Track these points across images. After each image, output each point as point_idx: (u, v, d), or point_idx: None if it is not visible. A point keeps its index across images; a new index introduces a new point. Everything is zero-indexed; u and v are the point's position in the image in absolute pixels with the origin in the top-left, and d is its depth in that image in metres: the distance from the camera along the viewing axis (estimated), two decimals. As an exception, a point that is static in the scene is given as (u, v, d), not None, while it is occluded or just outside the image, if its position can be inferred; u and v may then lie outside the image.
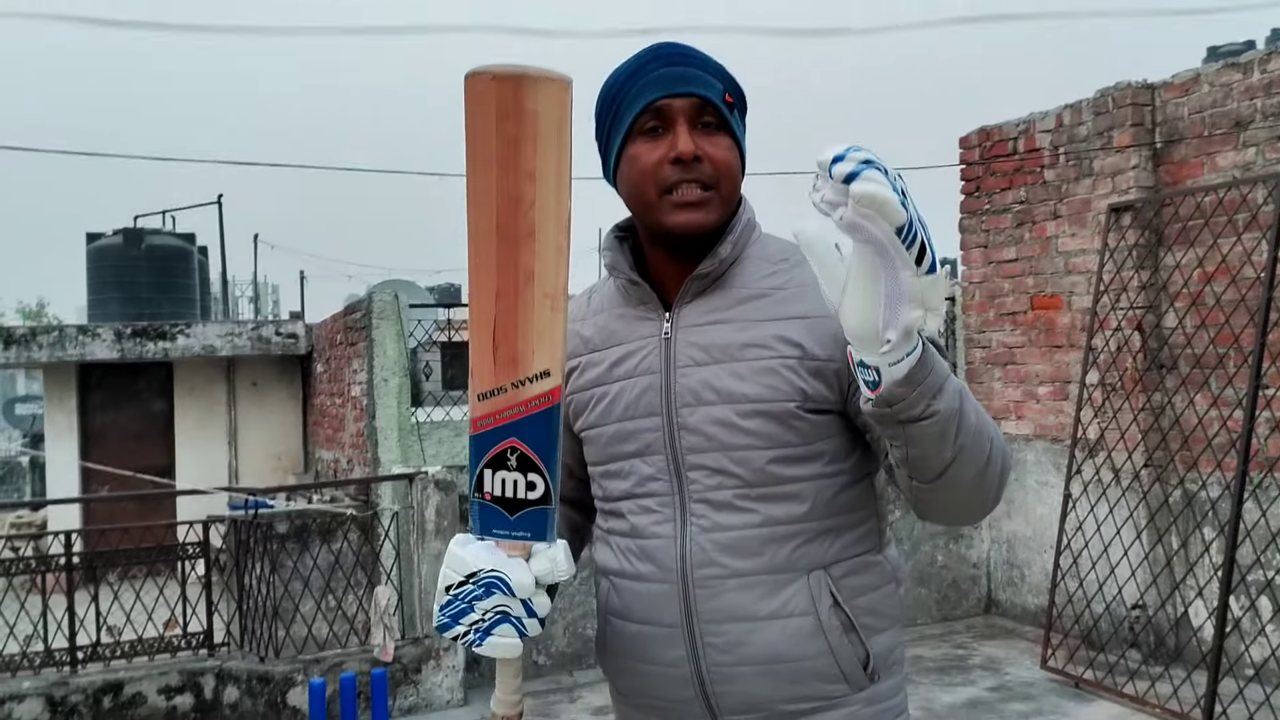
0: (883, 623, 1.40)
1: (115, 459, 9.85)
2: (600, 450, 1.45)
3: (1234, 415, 4.82)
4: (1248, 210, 4.84)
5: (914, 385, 1.10)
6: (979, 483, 1.22)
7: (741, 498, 1.34)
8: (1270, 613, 4.73)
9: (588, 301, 1.53)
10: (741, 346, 1.35)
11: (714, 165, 1.34)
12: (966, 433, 1.17)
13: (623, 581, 1.43)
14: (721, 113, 1.35)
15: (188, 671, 5.02)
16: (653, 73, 1.35)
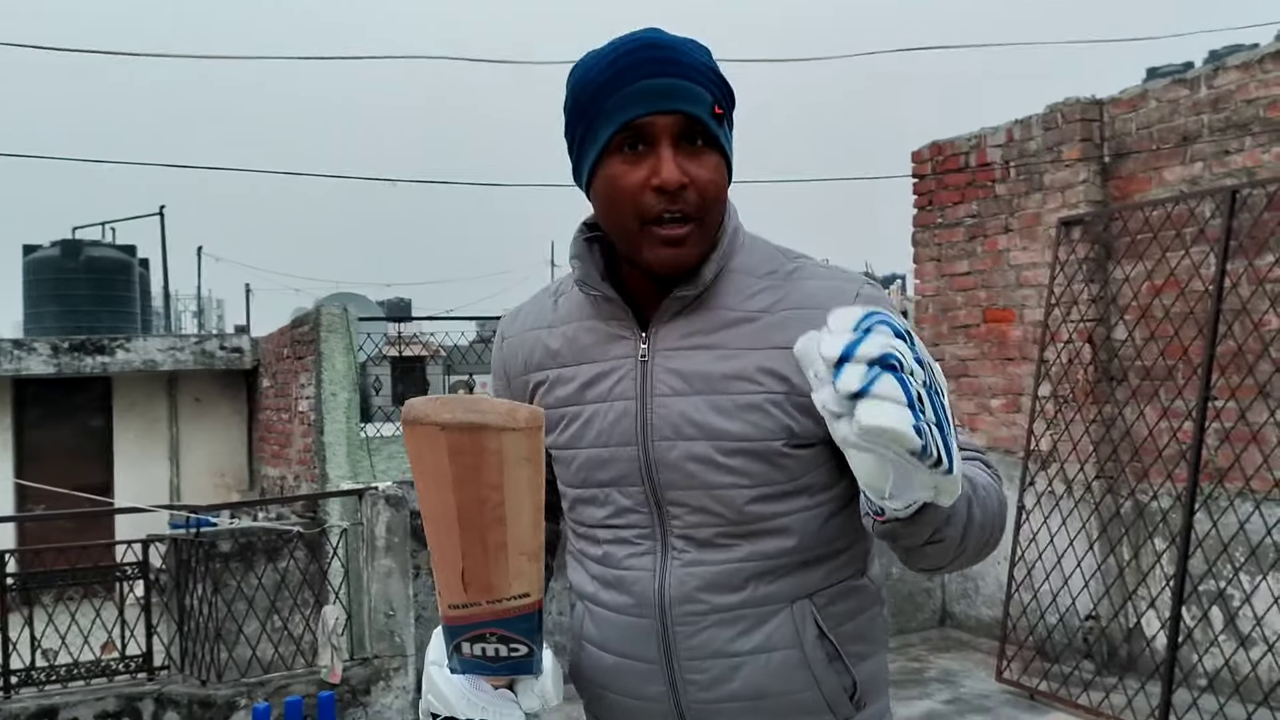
0: (869, 648, 1.34)
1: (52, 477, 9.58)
2: (572, 474, 1.36)
3: (1184, 426, 4.86)
4: (1195, 224, 4.90)
5: (921, 524, 1.03)
6: (976, 559, 1.19)
7: (724, 536, 1.26)
8: (1222, 623, 4.77)
9: (554, 306, 1.41)
10: (724, 378, 1.25)
11: (700, 192, 1.21)
12: (970, 537, 1.12)
13: (599, 610, 1.35)
14: (710, 128, 1.21)
15: (125, 696, 4.84)
16: (632, 83, 1.19)
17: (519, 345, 1.42)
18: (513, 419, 1.02)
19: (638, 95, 1.19)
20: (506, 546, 1.08)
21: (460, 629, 1.16)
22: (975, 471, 1.17)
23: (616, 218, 1.24)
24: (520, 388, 1.42)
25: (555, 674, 1.23)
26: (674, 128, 1.20)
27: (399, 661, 5.08)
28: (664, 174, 1.19)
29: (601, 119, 1.21)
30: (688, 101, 1.19)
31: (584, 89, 1.23)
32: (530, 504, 1.07)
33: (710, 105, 1.21)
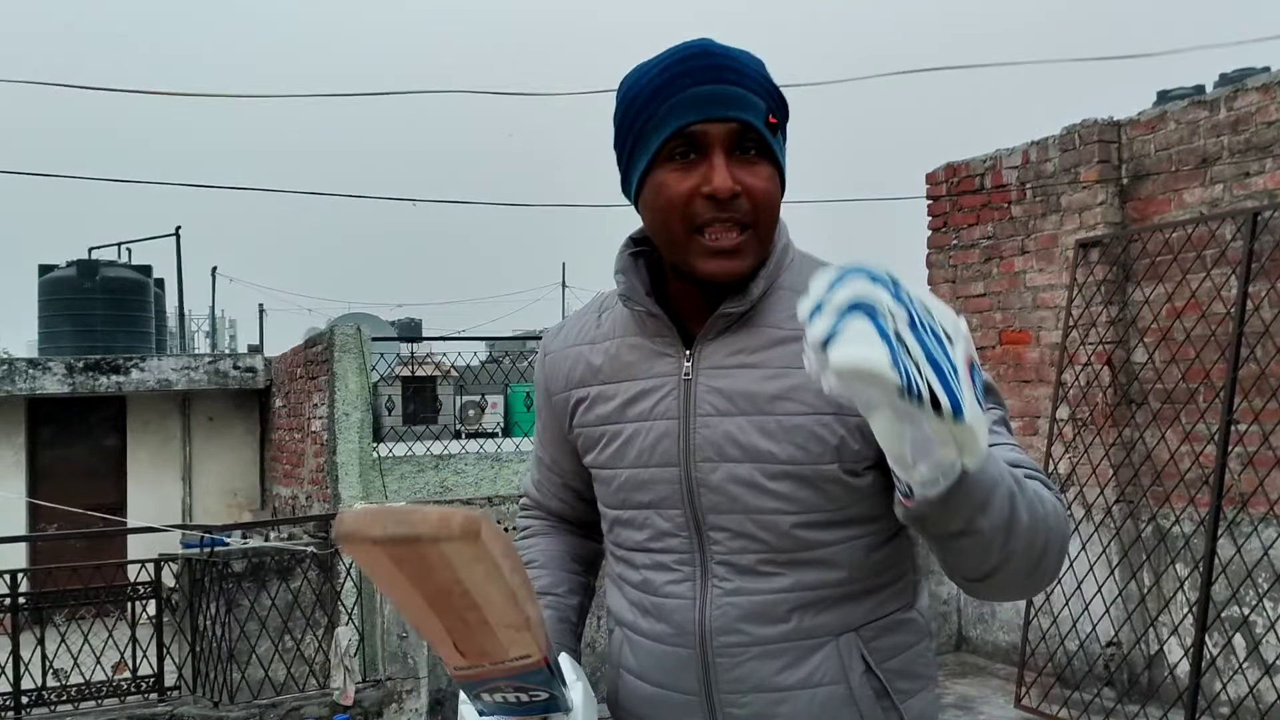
0: (917, 684, 1.27)
1: (65, 496, 9.57)
2: (611, 494, 1.32)
3: (1206, 450, 4.81)
4: (1216, 246, 4.86)
5: (950, 507, 0.97)
6: (1030, 579, 1.10)
7: (767, 563, 1.21)
8: (1246, 650, 4.70)
9: (597, 322, 1.36)
10: (770, 398, 1.20)
11: (753, 201, 1.17)
12: (1016, 539, 1.03)
13: (637, 638, 1.31)
14: (764, 137, 1.17)
15: (138, 717, 4.82)
16: (685, 90, 1.16)
17: (560, 361, 1.39)
18: (446, 529, 0.94)
19: (690, 102, 1.16)
20: (489, 623, 1.04)
21: (472, 684, 1.13)
22: (1029, 483, 1.08)
23: (665, 227, 1.20)
24: (561, 404, 1.38)
25: (588, 708, 1.18)
26: (727, 136, 1.16)
27: (411, 684, 5.04)
28: (716, 181, 1.15)
29: (652, 126, 1.18)
30: (742, 109, 1.16)
31: (634, 98, 1.20)
32: (497, 590, 1.01)
33: (765, 114, 1.17)
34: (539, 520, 1.52)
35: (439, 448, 8.50)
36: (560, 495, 1.48)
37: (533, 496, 1.54)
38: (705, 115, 1.15)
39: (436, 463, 8.21)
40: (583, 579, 1.45)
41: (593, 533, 1.46)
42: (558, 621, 1.36)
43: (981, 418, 0.89)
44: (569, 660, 1.23)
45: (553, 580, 1.41)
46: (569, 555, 1.46)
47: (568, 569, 1.44)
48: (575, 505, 1.47)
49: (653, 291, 1.29)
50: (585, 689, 1.20)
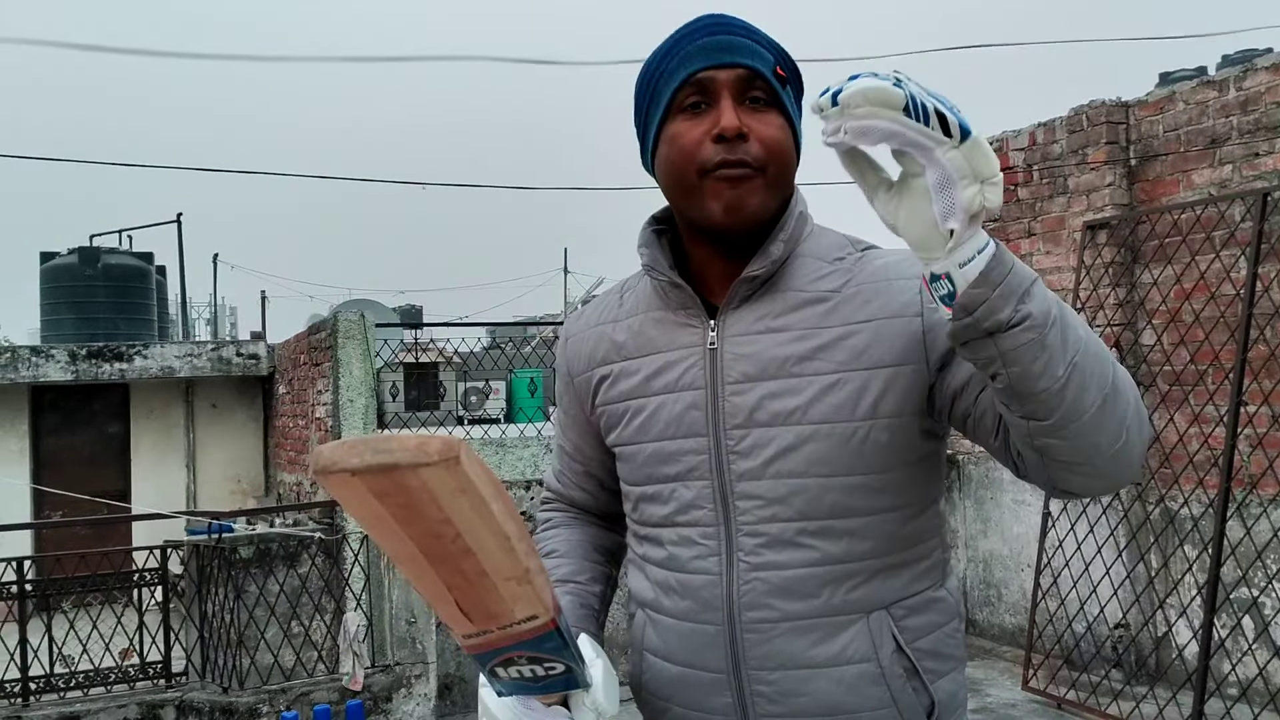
0: (947, 665, 1.26)
1: (69, 483, 9.58)
2: (635, 470, 1.31)
3: (1215, 432, 4.80)
4: (1225, 227, 4.84)
5: (992, 285, 0.98)
6: (1108, 414, 1.04)
7: (799, 533, 1.20)
8: (1255, 632, 4.70)
9: (620, 301, 1.37)
10: (799, 360, 1.20)
11: (762, 144, 1.19)
12: (1074, 345, 1.01)
13: (661, 617, 1.30)
14: (772, 86, 1.20)
15: (147, 703, 4.82)
16: (695, 42, 1.21)
17: (582, 342, 1.38)
18: (423, 454, 0.92)
19: (699, 51, 1.21)
20: (488, 574, 1.01)
21: (484, 656, 1.11)
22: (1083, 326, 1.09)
23: (678, 173, 1.22)
24: (584, 384, 1.37)
25: (609, 685, 1.17)
26: (735, 83, 1.20)
27: (420, 669, 5.04)
28: (724, 121, 1.18)
29: (664, 80, 1.22)
30: (748, 56, 1.20)
31: (650, 63, 1.25)
32: (489, 531, 0.98)
33: (773, 65, 1.21)
34: (560, 512, 1.51)
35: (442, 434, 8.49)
36: (582, 484, 1.47)
37: (553, 488, 1.53)
38: (713, 61, 1.20)
39: (441, 448, 8.19)
40: (605, 568, 1.44)
41: (615, 524, 1.45)
42: (579, 607, 1.35)
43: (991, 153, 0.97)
44: (589, 640, 1.22)
45: (575, 568, 1.40)
46: (591, 545, 1.45)
47: (590, 558, 1.43)
48: (597, 495, 1.46)
49: (675, 266, 1.29)
50: (606, 665, 1.18)
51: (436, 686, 5.13)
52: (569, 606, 1.34)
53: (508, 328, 16.58)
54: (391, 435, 0.95)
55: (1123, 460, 1.09)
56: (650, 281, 1.32)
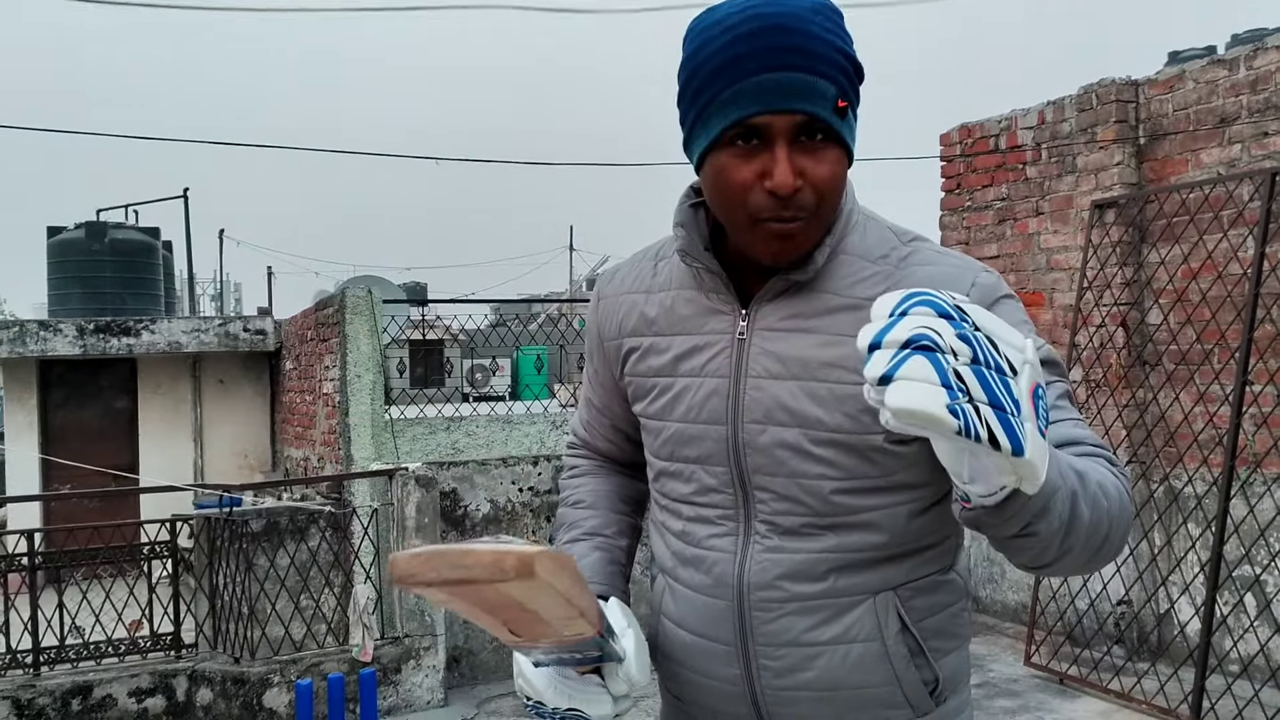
0: (952, 643, 1.29)
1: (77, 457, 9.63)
2: (659, 446, 1.33)
3: (1220, 411, 4.82)
4: (1233, 206, 4.85)
5: (1005, 516, 0.95)
6: (1091, 563, 1.08)
7: (809, 526, 1.22)
8: (1257, 609, 4.74)
9: (653, 271, 1.35)
10: (823, 365, 1.19)
11: (816, 190, 1.14)
12: (1076, 535, 1.01)
13: (678, 586, 1.33)
14: (831, 125, 1.12)
15: (159, 673, 4.88)
16: (750, 76, 1.10)
17: (614, 307, 1.39)
18: (499, 571, 0.95)
19: (753, 91, 1.10)
20: (545, 621, 1.06)
21: (525, 651, 1.17)
22: (1092, 467, 1.07)
23: (726, 210, 1.19)
24: (613, 350, 1.39)
25: (640, 656, 1.21)
26: (791, 129, 1.12)
27: (429, 641, 5.10)
28: (777, 178, 1.12)
29: (714, 109, 1.14)
30: (808, 100, 1.11)
31: (698, 69, 1.15)
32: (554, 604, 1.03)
33: (834, 99, 1.12)
34: (586, 460, 1.54)
35: (450, 410, 8.54)
36: (609, 436, 1.50)
37: (580, 436, 1.55)
38: (769, 107, 1.11)
39: (448, 424, 8.24)
40: (630, 520, 1.47)
41: (640, 473, 1.47)
42: (608, 564, 1.38)
43: (1044, 447, 0.90)
44: (619, 606, 1.26)
45: (602, 521, 1.43)
46: (618, 496, 1.48)
47: (616, 510, 1.46)
48: (624, 446, 1.49)
49: (711, 245, 1.28)
50: (636, 634, 1.22)
51: (445, 658, 5.18)
52: (598, 562, 1.37)
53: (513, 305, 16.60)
54: (468, 549, 0.97)
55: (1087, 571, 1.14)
56: None
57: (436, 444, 8.21)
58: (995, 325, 0.88)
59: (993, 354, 0.86)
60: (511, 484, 5.66)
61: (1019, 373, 0.87)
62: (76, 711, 4.74)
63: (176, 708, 4.87)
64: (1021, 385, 0.87)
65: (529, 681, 1.20)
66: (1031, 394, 0.88)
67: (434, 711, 5.03)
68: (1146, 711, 4.59)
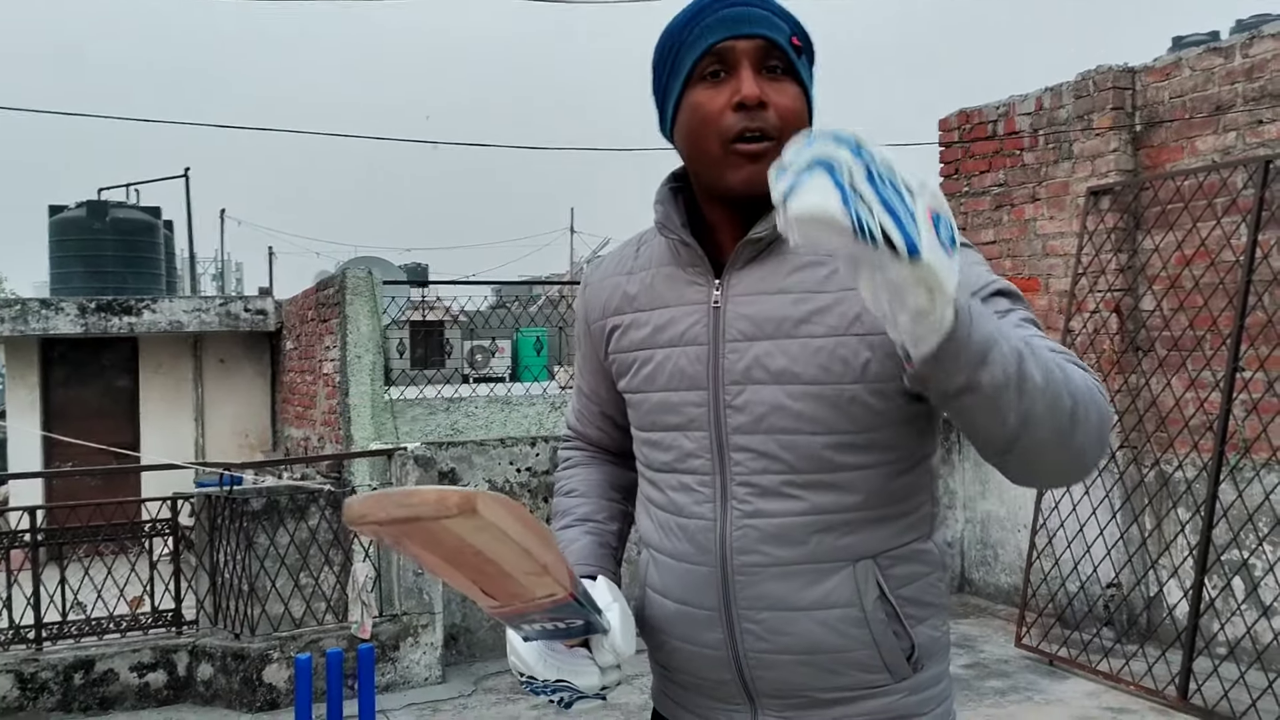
0: (927, 612, 1.33)
1: (78, 435, 9.70)
2: (642, 417, 1.39)
3: (1211, 397, 4.87)
4: (1228, 194, 4.88)
5: (945, 363, 0.98)
6: (1062, 448, 1.08)
7: (788, 485, 1.27)
8: (1244, 592, 4.80)
9: (635, 254, 1.44)
10: (796, 322, 1.25)
11: (780, 113, 1.25)
12: (1031, 398, 1.03)
13: (662, 557, 1.38)
14: (789, 56, 1.26)
15: (160, 648, 4.95)
16: (714, 13, 1.27)
17: (599, 291, 1.46)
18: (443, 507, 1.00)
19: (718, 22, 1.26)
20: (509, 573, 1.10)
21: (510, 619, 1.21)
22: (1048, 353, 1.09)
23: (700, 143, 1.28)
24: (599, 332, 1.45)
25: (626, 628, 1.26)
26: (754, 52, 1.26)
27: (427, 618, 5.16)
28: (744, 90, 1.24)
29: (684, 49, 1.28)
30: (766, 27, 1.26)
31: (669, 32, 1.31)
32: (509, 549, 1.07)
33: (788, 35, 1.27)
34: (579, 451, 1.60)
35: (449, 391, 8.59)
36: (598, 424, 1.56)
37: (573, 426, 1.62)
38: (732, 32, 1.25)
39: (448, 405, 8.30)
40: (621, 506, 1.53)
41: (630, 462, 1.52)
42: (598, 546, 1.44)
43: (946, 261, 0.92)
44: (606, 583, 1.31)
45: (594, 508, 1.50)
46: (608, 484, 1.54)
47: (608, 496, 1.52)
48: (613, 434, 1.54)
49: (688, 224, 1.35)
50: (622, 608, 1.27)
51: (443, 636, 5.25)
52: (589, 546, 1.43)
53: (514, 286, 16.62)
54: (414, 489, 1.04)
55: (1068, 475, 1.14)
56: (663, 238, 1.38)
57: (436, 424, 8.27)
58: (895, 161, 0.93)
59: (889, 173, 0.91)
60: (510, 464, 5.71)
61: (916, 194, 0.91)
62: (79, 685, 4.81)
63: (177, 682, 4.93)
64: (919, 205, 0.91)
65: (520, 657, 1.25)
66: (930, 216, 0.91)
67: (431, 688, 5.10)
68: (1134, 693, 4.66)
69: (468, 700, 4.95)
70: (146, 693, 4.89)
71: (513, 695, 4.95)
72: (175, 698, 4.92)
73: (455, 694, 5.02)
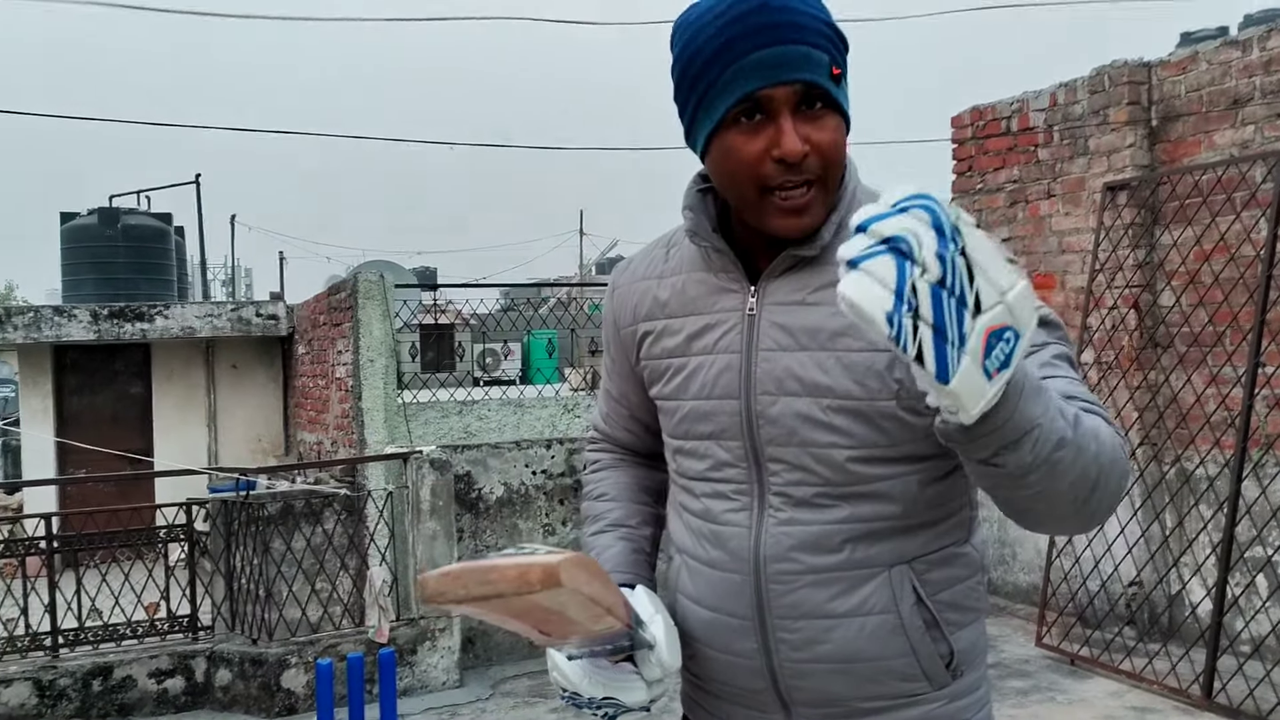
0: (968, 617, 1.30)
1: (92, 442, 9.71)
2: (675, 425, 1.35)
3: (1232, 393, 4.83)
4: (1246, 188, 4.84)
5: (972, 439, 0.96)
6: (1077, 517, 1.08)
7: (822, 496, 1.24)
8: (1268, 590, 4.75)
9: (665, 257, 1.39)
10: (832, 335, 1.22)
11: (822, 156, 1.18)
12: (1057, 479, 1.01)
13: (695, 564, 1.35)
14: (829, 92, 1.17)
15: (178, 654, 4.94)
16: (747, 55, 1.15)
17: (628, 295, 1.42)
18: (525, 585, 0.99)
19: (753, 67, 1.15)
20: (574, 620, 1.10)
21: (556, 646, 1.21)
22: (1086, 420, 1.07)
23: (736, 187, 1.22)
24: (629, 337, 1.42)
25: (670, 641, 1.24)
26: (793, 97, 1.16)
27: (444, 623, 5.15)
28: (785, 146, 1.16)
29: (716, 91, 1.18)
30: (805, 69, 1.16)
31: (693, 57, 1.20)
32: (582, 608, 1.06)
33: (828, 67, 1.17)
34: (608, 454, 1.57)
35: (462, 394, 8.58)
36: (628, 427, 1.53)
37: (601, 429, 1.58)
38: (770, 80, 1.15)
39: (460, 409, 8.28)
40: (653, 509, 1.50)
41: (660, 463, 1.49)
42: (632, 553, 1.42)
43: (979, 388, 0.89)
44: (645, 593, 1.29)
45: (625, 513, 1.47)
46: (639, 487, 1.51)
47: (639, 500, 1.50)
48: (643, 436, 1.52)
49: (719, 227, 1.31)
50: (665, 620, 1.26)
51: (460, 640, 5.23)
52: (623, 552, 1.41)
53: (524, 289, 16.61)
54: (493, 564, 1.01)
55: (1079, 529, 1.14)
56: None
57: (449, 428, 8.25)
58: (986, 257, 0.89)
59: (963, 283, 0.87)
60: (525, 467, 5.69)
61: (985, 310, 0.88)
62: (97, 692, 4.80)
63: (195, 688, 4.93)
64: (979, 322, 0.88)
65: (564, 674, 1.23)
66: (989, 334, 0.88)
67: (449, 692, 5.09)
68: (1158, 692, 4.62)
69: (486, 704, 4.93)
70: (165, 699, 4.88)
71: (530, 699, 4.93)
72: (193, 703, 4.92)
73: (473, 698, 5.01)
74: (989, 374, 0.89)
